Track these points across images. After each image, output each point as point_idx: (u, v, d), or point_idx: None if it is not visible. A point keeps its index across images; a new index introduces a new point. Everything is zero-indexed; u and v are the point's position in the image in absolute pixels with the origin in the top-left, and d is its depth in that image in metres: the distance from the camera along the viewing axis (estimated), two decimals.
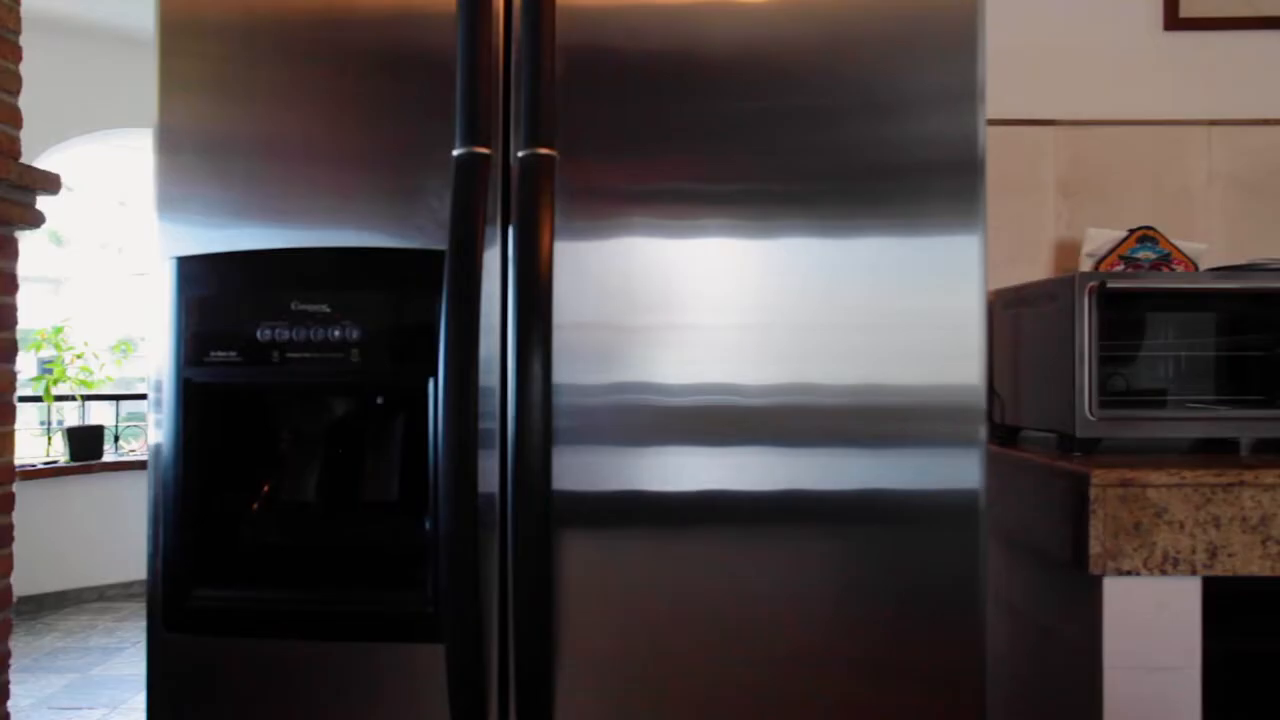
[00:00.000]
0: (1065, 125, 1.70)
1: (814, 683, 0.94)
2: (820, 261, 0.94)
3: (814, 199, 0.94)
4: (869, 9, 0.95)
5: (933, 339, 0.94)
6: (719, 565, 0.93)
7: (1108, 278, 1.32)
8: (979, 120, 0.95)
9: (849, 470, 0.94)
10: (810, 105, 0.95)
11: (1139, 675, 1.17)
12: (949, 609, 0.95)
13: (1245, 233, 1.70)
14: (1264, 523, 1.16)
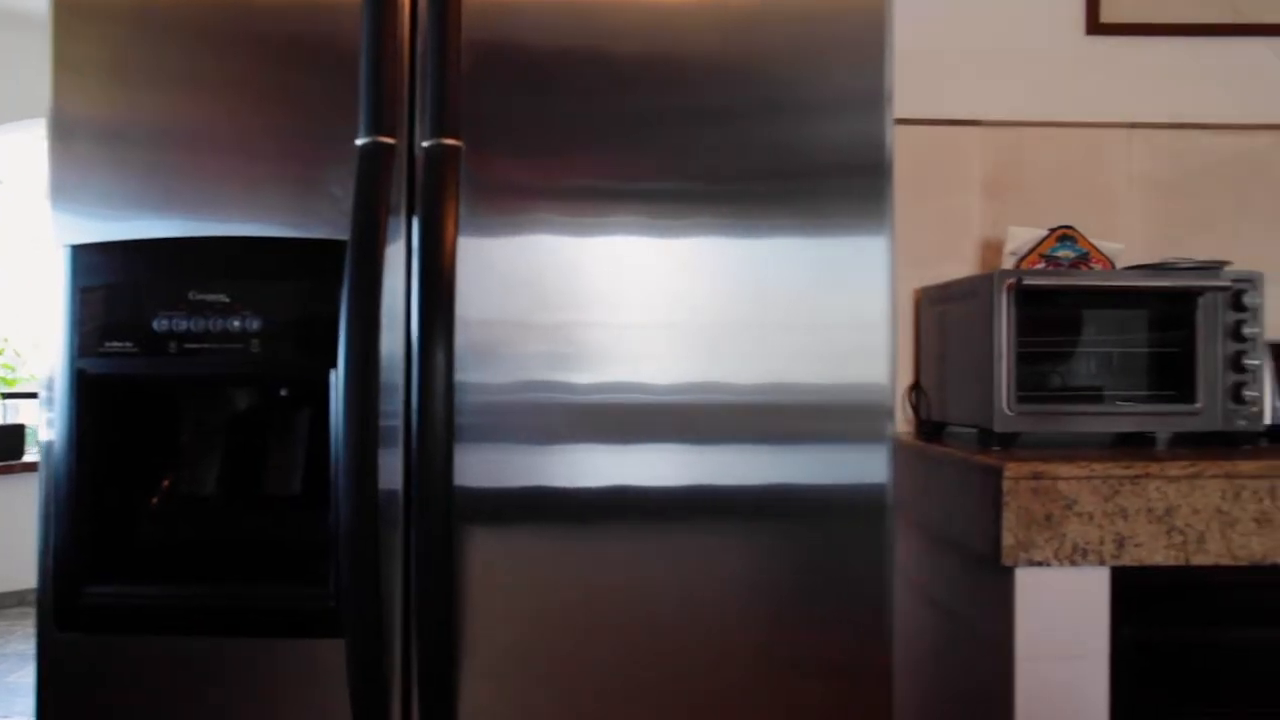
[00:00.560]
0: (990, 126, 1.72)
1: (724, 677, 0.94)
2: (729, 261, 0.94)
3: (723, 198, 0.95)
4: (779, 11, 0.96)
5: (841, 338, 0.95)
6: (627, 561, 0.93)
7: (1024, 275, 1.35)
8: (886, 123, 0.97)
9: (757, 466, 0.94)
10: (720, 105, 0.95)
11: (1049, 664, 1.19)
12: (858, 602, 0.95)
13: (1163, 233, 1.74)
14: (1169, 513, 1.19)
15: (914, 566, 1.59)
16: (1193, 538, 1.19)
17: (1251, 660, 1.23)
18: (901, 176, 1.71)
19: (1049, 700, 1.19)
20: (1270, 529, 1.19)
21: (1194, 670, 1.23)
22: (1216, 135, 1.74)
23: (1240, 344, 1.38)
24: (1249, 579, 1.22)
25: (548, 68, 0.94)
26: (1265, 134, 1.74)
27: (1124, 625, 1.21)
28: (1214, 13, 1.75)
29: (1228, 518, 1.19)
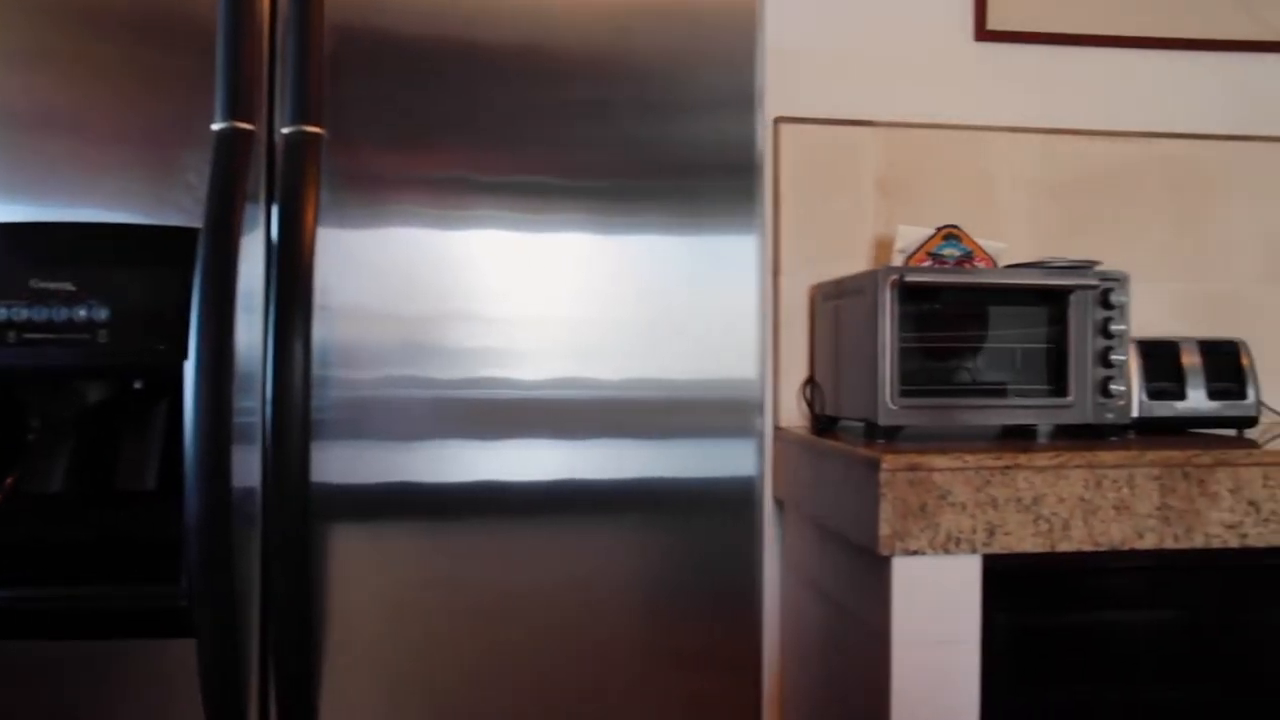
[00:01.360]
0: (883, 127, 1.76)
1: (596, 672, 0.94)
2: (600, 257, 0.94)
3: (594, 194, 0.95)
4: (652, 8, 0.96)
5: (711, 335, 0.96)
6: (496, 557, 0.93)
7: (906, 272, 1.38)
8: (757, 124, 0.98)
9: (628, 461, 0.94)
10: (591, 100, 0.95)
11: (924, 650, 1.22)
12: (730, 594, 0.97)
13: (1044, 233, 1.81)
14: (1036, 502, 1.23)
15: (806, 559, 1.62)
16: (1058, 525, 1.24)
17: (1112, 640, 1.28)
18: (798, 175, 1.74)
19: (923, 685, 1.22)
20: (1128, 516, 1.25)
21: (1060, 651, 1.28)
22: (1092, 141, 1.82)
23: (1108, 340, 1.44)
24: (1109, 564, 1.27)
25: (415, 55, 0.93)
26: (1136, 141, 1.82)
27: (995, 610, 1.25)
28: (1094, 24, 1.82)
29: (1090, 506, 1.24)
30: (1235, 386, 1.57)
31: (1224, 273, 1.86)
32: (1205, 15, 1.84)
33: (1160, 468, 1.26)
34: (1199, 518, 1.26)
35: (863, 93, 1.78)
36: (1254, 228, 1.86)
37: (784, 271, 1.75)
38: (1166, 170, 1.84)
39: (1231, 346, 1.59)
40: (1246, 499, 1.27)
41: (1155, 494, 1.26)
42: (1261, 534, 1.27)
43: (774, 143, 1.76)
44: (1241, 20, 1.85)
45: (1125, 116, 1.84)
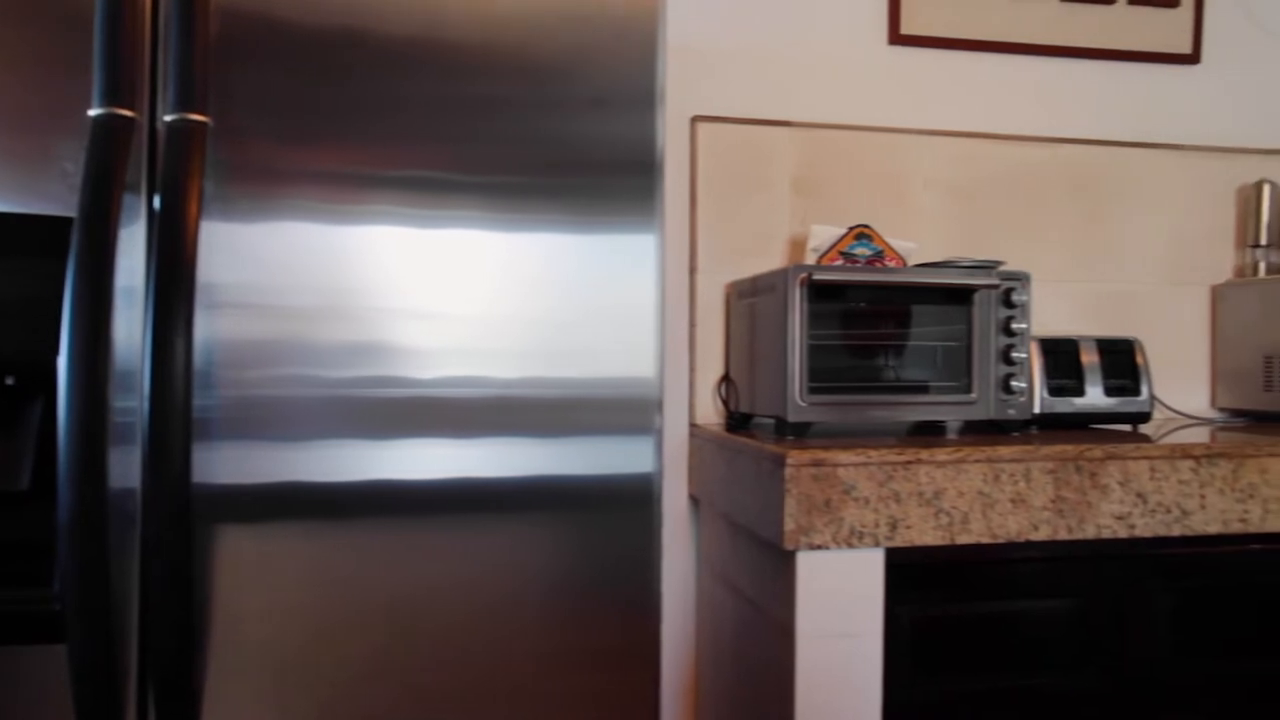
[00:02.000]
0: (800, 127, 1.79)
1: (491, 673, 0.93)
2: (497, 254, 0.94)
3: (491, 190, 0.94)
4: (554, 4, 0.96)
5: (610, 333, 0.96)
6: (389, 558, 0.91)
7: (814, 270, 1.40)
8: (657, 123, 0.98)
9: (525, 459, 0.94)
10: (490, 95, 0.94)
11: (827, 643, 1.24)
12: (629, 592, 0.97)
13: (956, 234, 1.85)
14: (937, 496, 1.26)
15: (720, 556, 1.63)
16: (958, 518, 1.27)
17: (1009, 629, 1.32)
18: (715, 174, 1.75)
19: (827, 677, 1.24)
20: (1024, 508, 1.29)
21: (960, 641, 1.31)
22: (1001, 145, 1.87)
23: (1010, 338, 1.48)
24: (1006, 555, 1.31)
25: (309, 44, 0.91)
26: (1042, 145, 1.88)
27: (897, 603, 1.28)
28: (1004, 32, 1.87)
29: (988, 499, 1.28)
30: (1130, 384, 1.63)
31: (1124, 274, 1.93)
32: (1109, 26, 1.91)
33: (1055, 462, 1.30)
34: (1091, 509, 1.31)
35: (780, 93, 1.80)
36: (1152, 231, 1.94)
37: (700, 270, 1.76)
38: (1070, 174, 1.90)
39: (1127, 345, 1.65)
40: (1135, 491, 1.32)
41: (1050, 487, 1.30)
42: (1149, 524, 1.32)
43: (691, 142, 1.77)
44: (1143, 32, 1.92)
45: (1032, 121, 1.89)
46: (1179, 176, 1.95)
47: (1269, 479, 1.36)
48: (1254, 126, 1.98)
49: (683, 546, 1.77)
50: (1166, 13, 1.92)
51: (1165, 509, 1.33)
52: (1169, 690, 1.36)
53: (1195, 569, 1.37)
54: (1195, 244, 1.96)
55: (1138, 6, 1.91)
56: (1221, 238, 1.97)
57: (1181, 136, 1.95)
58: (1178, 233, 1.95)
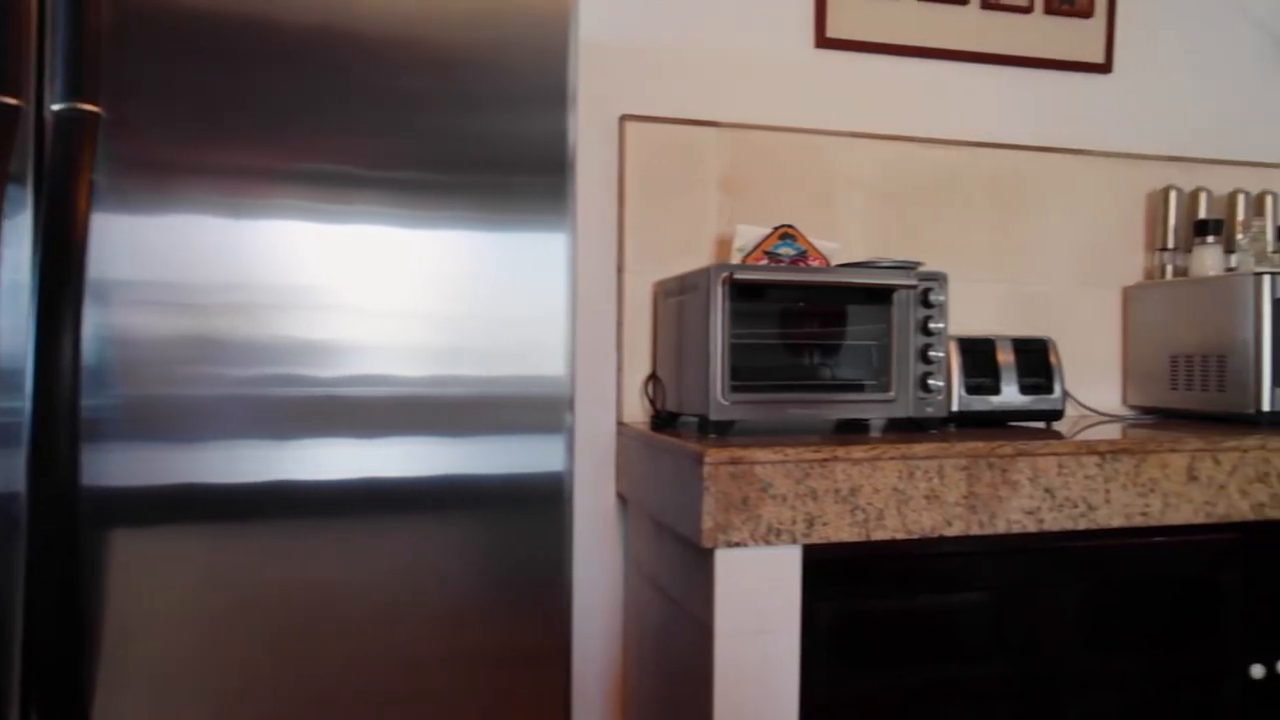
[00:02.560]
0: (728, 128, 1.80)
1: (398, 676, 0.92)
2: (405, 251, 0.92)
3: (400, 186, 0.92)
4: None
5: (519, 332, 0.95)
6: (293, 561, 0.89)
7: (736, 270, 1.41)
8: (569, 121, 0.98)
9: (433, 459, 0.93)
10: (398, 89, 0.92)
11: (745, 639, 1.26)
12: (539, 592, 0.96)
13: (880, 235, 1.89)
14: (853, 493, 1.28)
15: (645, 554, 1.64)
16: (873, 515, 1.29)
17: (925, 623, 1.35)
18: (644, 173, 1.76)
19: (745, 674, 1.25)
20: (938, 504, 1.31)
21: (877, 636, 1.33)
22: (923, 148, 1.90)
23: (928, 337, 1.51)
24: (923, 550, 1.34)
25: (208, 32, 0.88)
26: (962, 149, 1.92)
27: (815, 599, 1.30)
28: (927, 38, 1.91)
29: (903, 496, 1.30)
30: (1044, 382, 1.68)
31: (1041, 275, 1.99)
32: (1027, 34, 1.96)
33: (967, 458, 1.33)
34: (1002, 505, 1.34)
35: (709, 94, 1.81)
36: (1067, 234, 2.00)
37: (628, 269, 1.76)
38: (989, 178, 1.95)
39: (1041, 345, 1.70)
40: (1044, 486, 1.36)
41: (963, 483, 1.33)
42: (1056, 518, 1.36)
43: (620, 141, 1.77)
44: (1059, 41, 1.98)
45: (953, 125, 1.93)
46: (1093, 181, 2.01)
47: (1169, 474, 1.41)
48: (1162, 134, 2.06)
49: (611, 545, 1.77)
50: (1081, 23, 1.98)
51: (1072, 504, 1.37)
52: (1076, 680, 1.40)
53: (1101, 562, 1.42)
54: (1108, 247, 2.03)
55: (1054, 16, 1.97)
56: (1132, 241, 2.04)
57: (1095, 143, 2.02)
58: (1091, 236, 2.01)
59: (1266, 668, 1.47)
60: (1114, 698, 1.42)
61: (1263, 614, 1.48)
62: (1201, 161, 2.06)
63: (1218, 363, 1.75)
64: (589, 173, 1.75)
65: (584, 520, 1.75)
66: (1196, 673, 1.46)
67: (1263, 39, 2.13)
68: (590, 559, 1.75)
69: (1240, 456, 1.44)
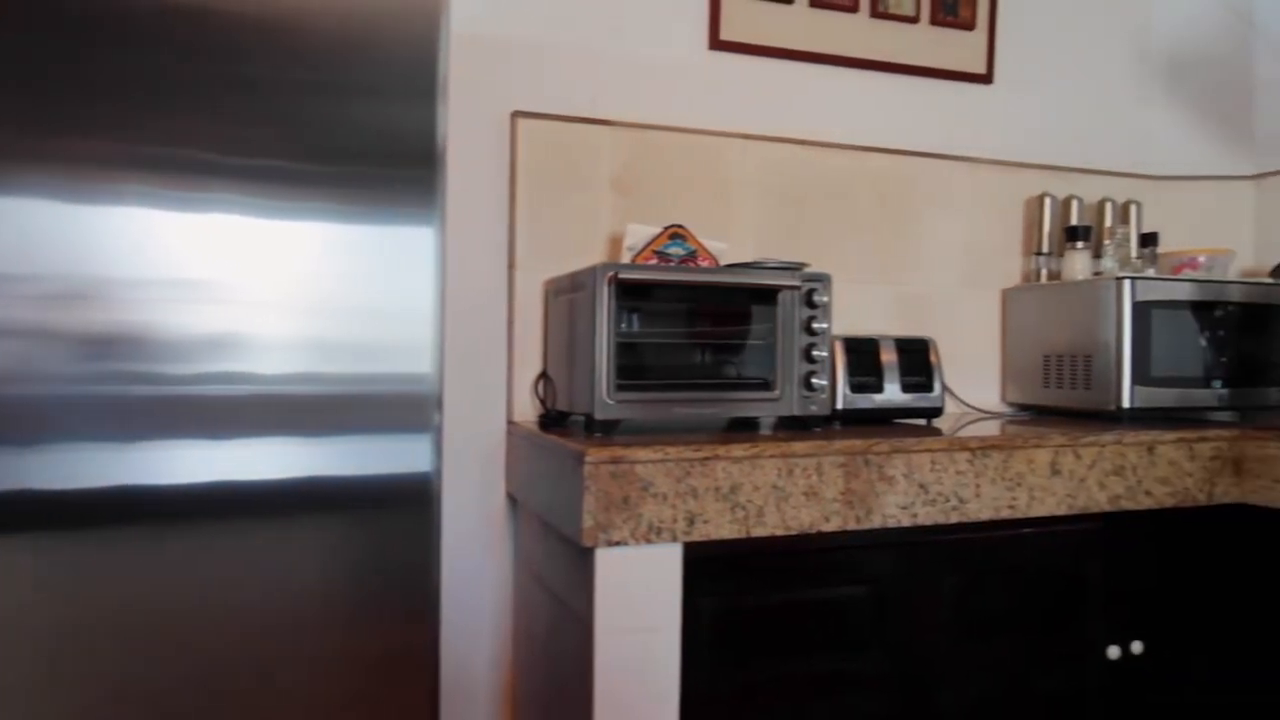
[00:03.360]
0: (621, 127, 1.80)
1: (257, 685, 0.89)
2: (263, 242, 0.89)
3: (257, 175, 0.89)
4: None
5: (384, 328, 0.93)
6: (137, 570, 0.85)
7: (621, 269, 1.41)
8: (438, 115, 0.96)
9: (293, 459, 0.90)
10: (257, 75, 0.89)
11: (626, 638, 1.26)
12: (405, 594, 0.94)
13: (772, 236, 1.92)
14: (733, 491, 1.30)
15: (533, 554, 1.63)
16: (753, 512, 1.31)
17: (806, 617, 1.37)
18: (536, 170, 1.74)
19: (626, 672, 1.26)
20: (816, 501, 1.34)
21: (760, 631, 1.36)
22: (815, 151, 1.95)
23: (812, 337, 1.54)
24: (801, 545, 1.36)
25: (42, 11, 0.83)
26: (851, 154, 1.97)
27: (697, 595, 1.31)
28: (818, 43, 1.95)
29: (782, 493, 1.33)
30: (925, 380, 1.74)
31: (926, 277, 2.05)
32: (913, 44, 2.02)
33: (845, 456, 1.36)
34: (878, 500, 1.38)
35: (602, 92, 1.81)
36: (950, 237, 2.07)
37: (519, 266, 1.75)
38: (876, 182, 2.00)
39: (922, 345, 1.75)
40: (918, 482, 1.40)
41: (841, 480, 1.36)
42: (929, 513, 1.41)
43: (511, 137, 1.75)
44: (943, 51, 2.04)
45: (842, 130, 1.98)
46: (975, 187, 2.09)
47: (1034, 468, 1.47)
48: (1038, 143, 2.15)
49: (501, 545, 1.75)
50: (964, 34, 2.06)
51: (945, 498, 1.42)
52: (951, 667, 1.46)
53: (973, 553, 1.47)
54: (989, 250, 2.11)
55: (939, 27, 2.03)
56: (1011, 245, 2.13)
57: (977, 150, 2.09)
58: (974, 240, 2.09)
59: (1122, 649, 1.56)
60: (986, 683, 1.48)
61: (1119, 599, 1.56)
62: (1074, 170, 2.16)
63: (1084, 362, 1.83)
64: (479, 169, 1.73)
65: (473, 520, 1.72)
66: (1060, 656, 1.53)
67: (1132, 56, 2.24)
68: (480, 558, 1.73)
69: (1099, 451, 1.52)
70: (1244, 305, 1.83)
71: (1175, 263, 1.95)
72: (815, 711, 1.38)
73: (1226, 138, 2.25)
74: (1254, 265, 2.21)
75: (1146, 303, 1.76)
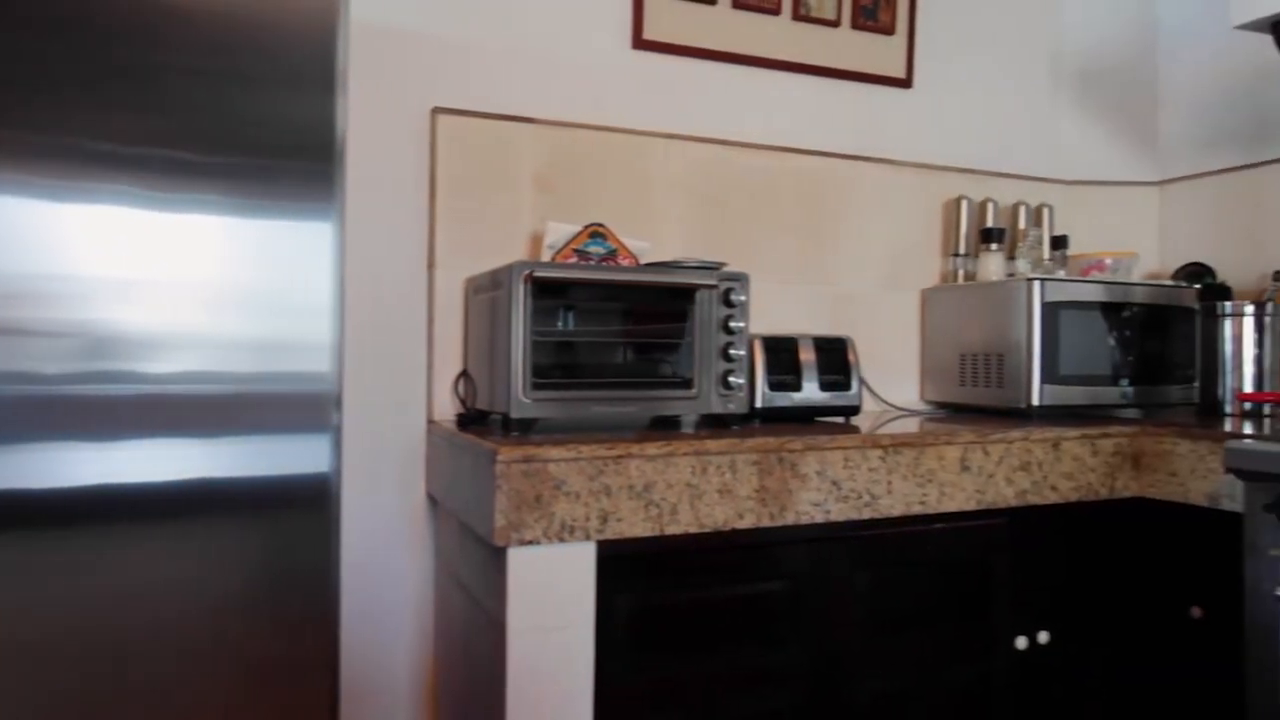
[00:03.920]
0: (544, 125, 1.80)
1: (146, 696, 0.87)
2: (152, 234, 0.87)
3: (146, 164, 0.87)
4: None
5: (281, 327, 0.92)
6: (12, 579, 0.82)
7: (536, 267, 1.41)
8: (336, 109, 0.95)
9: (182, 461, 0.88)
10: (144, 61, 0.87)
11: (539, 636, 1.26)
12: (303, 597, 0.93)
13: (697, 236, 1.93)
14: (647, 489, 1.31)
15: (452, 554, 1.61)
16: (667, 510, 1.32)
17: (722, 612, 1.39)
18: (456, 167, 1.73)
19: (538, 670, 1.26)
20: (730, 498, 1.36)
21: (676, 627, 1.36)
22: (739, 152, 1.96)
23: (729, 336, 1.56)
24: (716, 543, 1.38)
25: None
26: (775, 155, 2.00)
27: (613, 593, 1.31)
28: (742, 45, 1.96)
29: (696, 490, 1.34)
30: (843, 379, 1.77)
31: (848, 277, 2.09)
32: (834, 47, 2.05)
33: (759, 454, 1.38)
34: (791, 497, 1.40)
35: (525, 90, 1.80)
36: (872, 238, 2.11)
37: (439, 264, 1.73)
38: (799, 183, 2.03)
39: (840, 344, 1.78)
40: (830, 479, 1.43)
41: (754, 477, 1.38)
42: (843, 509, 1.44)
43: (432, 133, 1.73)
44: (864, 54, 2.08)
45: (765, 131, 2.00)
46: (896, 189, 2.13)
47: (945, 465, 1.51)
48: (957, 147, 2.20)
49: (422, 545, 1.74)
50: (884, 39, 2.09)
51: (857, 495, 1.45)
52: (865, 659, 1.48)
53: (887, 548, 1.50)
54: (910, 251, 2.15)
55: (860, 31, 2.07)
56: (931, 246, 2.18)
57: (898, 153, 2.14)
58: (896, 241, 2.13)
59: (1029, 639, 1.61)
60: (898, 674, 1.51)
61: (1026, 592, 1.61)
62: (991, 174, 2.22)
63: (998, 361, 1.89)
64: (397, 165, 1.71)
65: (392, 520, 1.70)
66: (970, 647, 1.57)
67: (1045, 64, 2.31)
68: (400, 558, 1.71)
69: (1006, 448, 1.56)
70: (1148, 306, 1.90)
71: (1084, 265, 2.01)
72: (732, 706, 1.40)
73: (1133, 144, 2.33)
74: (1158, 268, 2.29)
75: (1055, 303, 1.82)
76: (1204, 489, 1.54)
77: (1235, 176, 2.16)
